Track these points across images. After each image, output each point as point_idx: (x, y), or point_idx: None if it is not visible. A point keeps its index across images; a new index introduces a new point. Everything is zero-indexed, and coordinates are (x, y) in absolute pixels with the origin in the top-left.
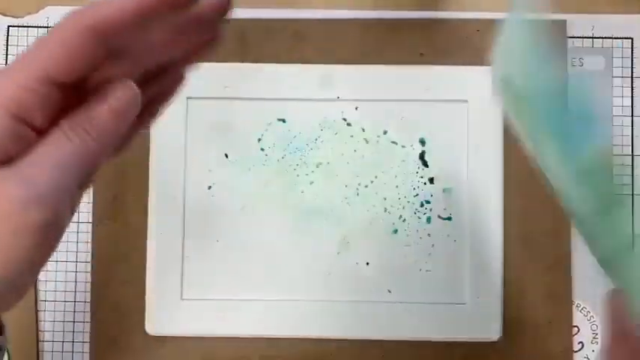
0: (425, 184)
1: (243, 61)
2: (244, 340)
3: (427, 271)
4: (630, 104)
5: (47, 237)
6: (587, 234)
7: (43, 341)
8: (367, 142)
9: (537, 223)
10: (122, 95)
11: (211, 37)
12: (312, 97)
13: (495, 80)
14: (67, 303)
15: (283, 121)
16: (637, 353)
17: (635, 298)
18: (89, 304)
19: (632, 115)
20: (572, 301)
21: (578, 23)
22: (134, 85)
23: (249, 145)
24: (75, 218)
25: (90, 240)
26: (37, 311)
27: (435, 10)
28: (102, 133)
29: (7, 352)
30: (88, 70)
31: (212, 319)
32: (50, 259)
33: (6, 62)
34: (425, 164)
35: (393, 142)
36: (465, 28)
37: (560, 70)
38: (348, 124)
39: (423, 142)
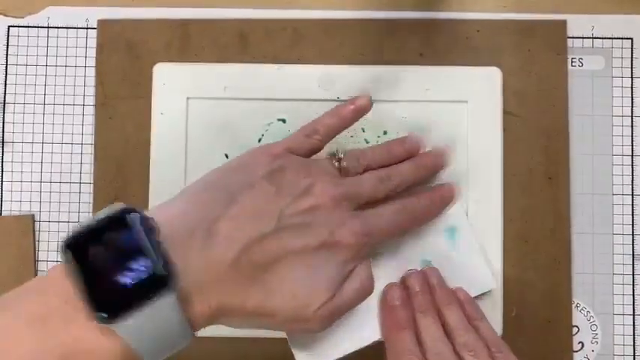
0: None
1: (243, 61)
2: (244, 340)
3: None
4: (630, 104)
5: None
6: None
7: None
8: (367, 142)
9: (537, 223)
10: None
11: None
12: (312, 97)
13: None
14: None
15: (283, 121)
16: None
17: None
18: None
19: (632, 115)
20: (572, 301)
21: (578, 23)
22: None
23: (249, 145)
24: (76, 218)
25: None
26: None
27: (435, 10)
28: None
29: None
30: None
31: None
32: (52, 259)
33: (6, 62)
34: None
35: None
36: (465, 28)
37: None
38: None
39: None
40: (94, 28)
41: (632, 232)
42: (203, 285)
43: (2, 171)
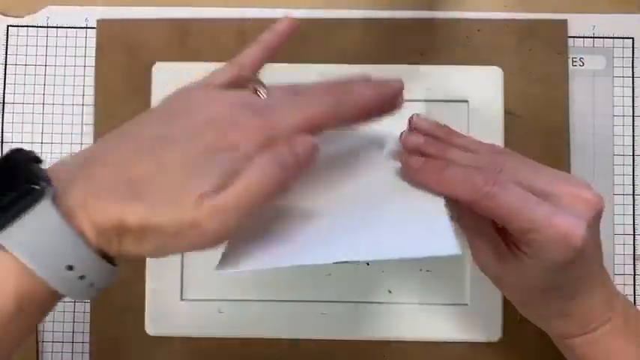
0: None
1: None
2: (244, 340)
3: (427, 271)
4: (631, 104)
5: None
6: None
7: (43, 341)
8: None
9: None
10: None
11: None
12: None
13: None
14: (66, 303)
15: None
16: None
17: None
18: (89, 304)
19: (632, 115)
20: None
21: (579, 23)
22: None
23: None
24: None
25: None
26: None
27: (435, 10)
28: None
29: None
30: None
31: (212, 319)
32: None
33: (5, 62)
34: None
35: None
36: (465, 28)
37: None
38: None
39: None
40: (94, 28)
41: (633, 232)
42: (82, 200)
43: None
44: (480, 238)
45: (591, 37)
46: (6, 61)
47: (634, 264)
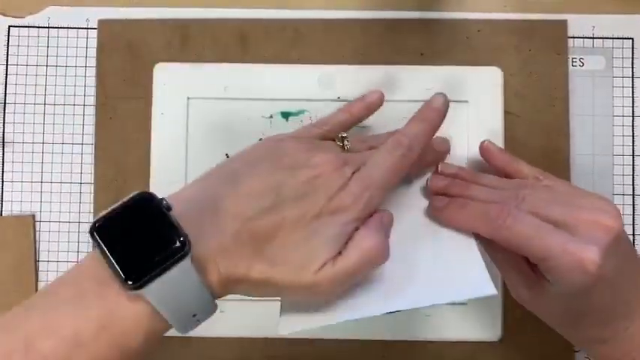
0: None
1: (243, 61)
2: (244, 340)
3: None
4: (631, 104)
5: None
6: None
7: None
8: None
9: None
10: None
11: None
12: (312, 97)
13: None
14: None
15: (285, 120)
16: None
17: None
18: None
19: (632, 115)
20: None
21: (579, 23)
22: None
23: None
24: (76, 218)
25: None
26: None
27: (435, 10)
28: None
29: None
30: None
31: (213, 319)
32: (52, 259)
33: (7, 62)
34: None
35: None
36: (465, 28)
37: None
38: None
39: None
40: (95, 28)
41: (633, 232)
42: (213, 255)
43: (2, 171)
44: (511, 270)
45: (591, 38)
46: (7, 62)
47: None
